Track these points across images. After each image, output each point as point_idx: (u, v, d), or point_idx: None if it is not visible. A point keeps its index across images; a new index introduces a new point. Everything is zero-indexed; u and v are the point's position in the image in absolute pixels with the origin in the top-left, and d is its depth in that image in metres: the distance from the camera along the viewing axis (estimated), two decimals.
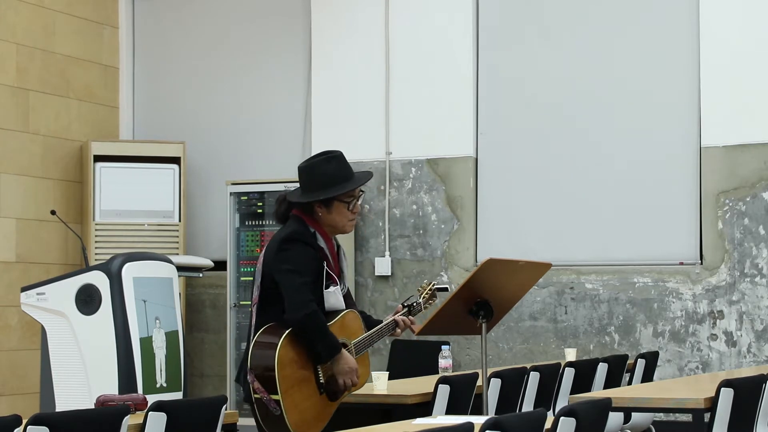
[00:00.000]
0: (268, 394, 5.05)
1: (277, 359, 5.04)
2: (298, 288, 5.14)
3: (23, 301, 7.09)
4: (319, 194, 5.27)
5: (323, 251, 5.30)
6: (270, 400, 5.05)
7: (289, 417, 5.05)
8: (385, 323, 5.49)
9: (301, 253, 5.20)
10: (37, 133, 9.95)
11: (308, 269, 5.20)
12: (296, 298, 5.12)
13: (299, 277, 5.15)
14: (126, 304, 6.88)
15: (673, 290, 9.06)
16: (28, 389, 9.55)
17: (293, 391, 5.08)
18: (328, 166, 5.32)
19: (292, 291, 5.14)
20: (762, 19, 8.96)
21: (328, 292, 5.28)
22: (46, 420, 3.92)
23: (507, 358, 9.39)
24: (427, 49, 9.82)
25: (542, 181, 9.52)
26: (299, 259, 5.19)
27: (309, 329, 5.11)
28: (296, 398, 5.09)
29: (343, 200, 5.31)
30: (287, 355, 5.08)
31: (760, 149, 8.91)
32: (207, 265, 8.84)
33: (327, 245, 5.33)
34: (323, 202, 5.29)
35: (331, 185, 5.29)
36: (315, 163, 5.34)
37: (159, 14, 10.92)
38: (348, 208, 5.33)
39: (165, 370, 7.06)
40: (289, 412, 5.05)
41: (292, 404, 5.06)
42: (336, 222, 5.34)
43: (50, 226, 9.80)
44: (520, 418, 3.92)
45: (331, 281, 5.31)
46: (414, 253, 9.77)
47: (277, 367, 5.04)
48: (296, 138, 10.26)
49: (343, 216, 5.34)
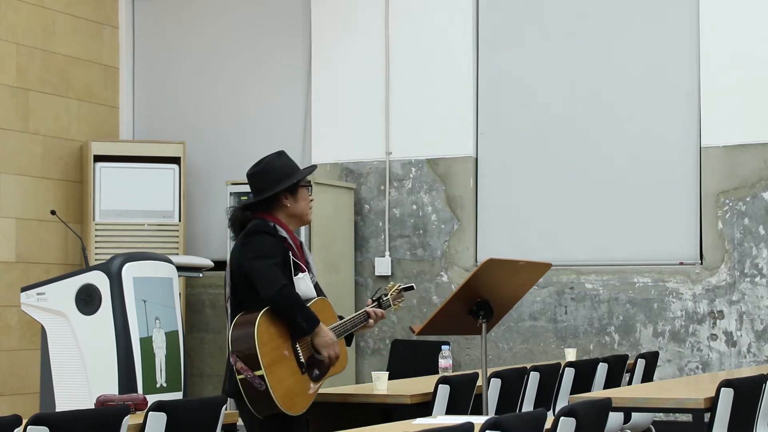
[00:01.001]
0: (252, 371, 5.15)
1: (256, 335, 5.16)
2: (269, 268, 5.31)
3: (23, 301, 7.09)
4: (284, 183, 5.47)
5: (286, 241, 5.46)
6: (254, 377, 5.15)
7: (275, 391, 5.15)
8: (357, 313, 5.63)
9: (265, 241, 5.39)
10: (37, 133, 9.95)
11: (275, 253, 5.36)
12: (268, 278, 5.28)
13: (267, 260, 5.33)
14: (126, 304, 6.87)
15: (673, 290, 9.06)
16: (28, 389, 9.55)
17: (276, 366, 5.19)
18: (281, 160, 5.57)
19: (263, 272, 5.31)
20: (762, 19, 8.96)
21: (298, 279, 5.42)
22: (46, 420, 3.92)
23: (507, 358, 9.39)
24: (427, 49, 9.82)
25: (542, 181, 9.52)
26: (264, 246, 5.37)
27: (285, 303, 5.26)
28: (280, 374, 5.19)
29: (305, 185, 5.56)
30: (266, 332, 5.21)
31: (760, 149, 8.91)
32: (207, 265, 8.84)
33: (289, 236, 5.49)
34: (289, 191, 5.50)
35: (291, 174, 5.50)
36: (268, 162, 5.57)
37: (159, 14, 10.92)
38: (308, 192, 5.57)
39: (165, 370, 7.06)
40: (275, 386, 5.15)
41: (276, 379, 5.17)
42: (302, 209, 5.55)
43: (50, 226, 9.80)
44: (520, 418, 3.92)
45: (298, 269, 5.44)
46: (414, 253, 9.77)
47: (258, 344, 5.16)
48: (296, 138, 10.26)
49: (306, 202, 5.56)
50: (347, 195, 9.86)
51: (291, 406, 5.21)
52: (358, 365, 9.81)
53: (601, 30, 9.47)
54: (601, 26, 9.48)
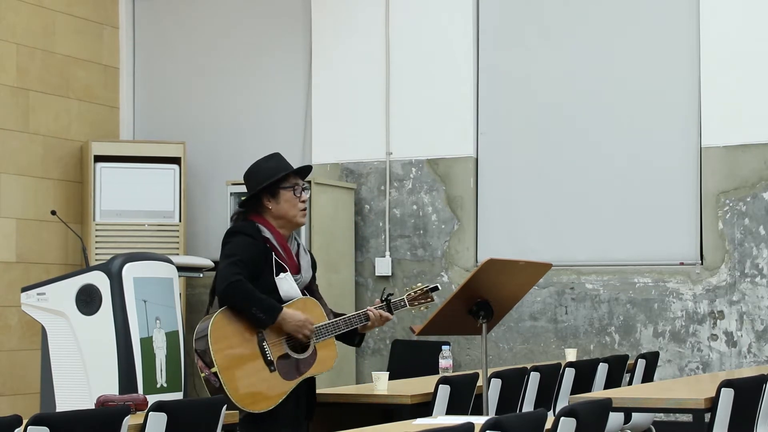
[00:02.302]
0: (209, 369, 5.26)
1: (210, 332, 5.25)
2: (225, 267, 5.35)
3: (23, 301, 7.09)
4: (262, 185, 5.49)
5: (270, 241, 5.47)
6: (210, 374, 5.25)
7: (229, 388, 5.23)
8: (355, 313, 5.59)
9: (239, 242, 5.42)
10: (37, 133, 9.95)
11: (242, 252, 5.38)
12: (221, 274, 5.34)
13: (228, 260, 5.37)
14: (126, 305, 6.87)
15: (673, 290, 9.06)
16: (28, 389, 9.55)
17: (233, 364, 5.26)
18: (268, 163, 5.59)
19: (219, 270, 5.37)
20: (762, 19, 8.95)
21: (280, 279, 5.44)
22: (46, 420, 3.92)
23: (507, 359, 9.39)
24: (427, 49, 9.82)
25: (542, 181, 9.52)
26: (235, 248, 5.41)
27: (236, 297, 5.30)
28: (238, 372, 5.26)
29: (285, 187, 5.53)
30: (222, 330, 5.28)
31: (760, 149, 8.91)
32: (207, 266, 8.84)
33: (274, 236, 5.49)
34: (269, 193, 5.51)
35: (273, 175, 5.52)
36: (255, 164, 5.62)
37: (159, 14, 10.92)
38: (294, 194, 5.53)
39: (165, 370, 7.06)
40: (229, 384, 5.23)
41: (230, 377, 5.24)
42: (286, 211, 5.53)
43: (50, 226, 9.80)
44: (521, 418, 3.92)
45: (281, 270, 5.45)
46: (414, 254, 9.77)
47: (210, 341, 5.24)
48: (296, 138, 10.26)
49: (292, 204, 5.53)
50: (347, 195, 9.86)
51: (250, 403, 5.27)
52: (359, 365, 9.81)
53: (601, 30, 9.48)
54: (601, 26, 9.48)
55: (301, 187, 5.57)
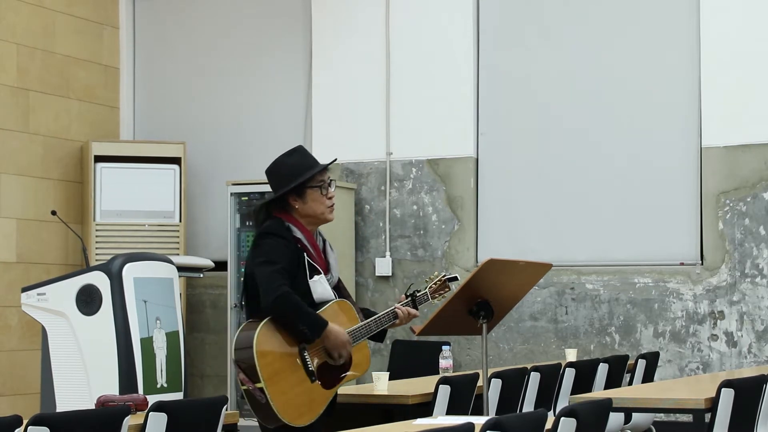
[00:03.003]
0: (253, 383, 5.08)
1: (255, 346, 5.08)
2: (269, 275, 5.19)
3: (24, 302, 7.09)
4: (289, 185, 5.36)
5: (301, 242, 5.34)
6: (255, 389, 5.08)
7: (276, 404, 5.07)
8: (384, 312, 5.50)
9: (274, 245, 5.27)
10: (38, 133, 9.95)
11: (281, 258, 5.24)
12: (267, 286, 5.18)
13: (270, 266, 5.20)
14: (126, 305, 6.87)
15: (673, 290, 9.06)
16: (28, 389, 9.55)
17: (278, 378, 5.10)
18: (290, 159, 5.44)
19: (263, 280, 5.20)
20: (762, 19, 8.95)
21: (314, 282, 5.31)
22: (46, 420, 3.92)
23: (507, 359, 9.39)
24: (427, 49, 9.82)
25: (542, 181, 9.52)
26: (271, 250, 5.25)
27: (283, 311, 5.15)
28: (283, 386, 5.11)
29: (313, 186, 5.39)
30: (267, 343, 5.12)
31: (760, 149, 8.91)
32: (207, 266, 8.84)
33: (305, 236, 5.37)
34: (296, 193, 5.38)
35: (298, 175, 5.38)
36: (277, 161, 5.47)
37: (159, 14, 10.92)
38: (321, 192, 5.40)
39: (165, 370, 7.06)
40: (275, 399, 5.07)
41: (277, 391, 5.09)
42: (314, 210, 5.40)
43: (51, 226, 9.80)
44: (521, 418, 3.92)
45: (314, 271, 5.34)
46: (414, 254, 9.77)
47: (257, 355, 5.07)
48: (296, 138, 10.25)
49: (320, 202, 5.40)
50: (348, 195, 9.86)
51: (296, 417, 5.12)
52: None
53: (601, 30, 9.47)
54: (601, 26, 9.48)
55: (327, 183, 5.43)
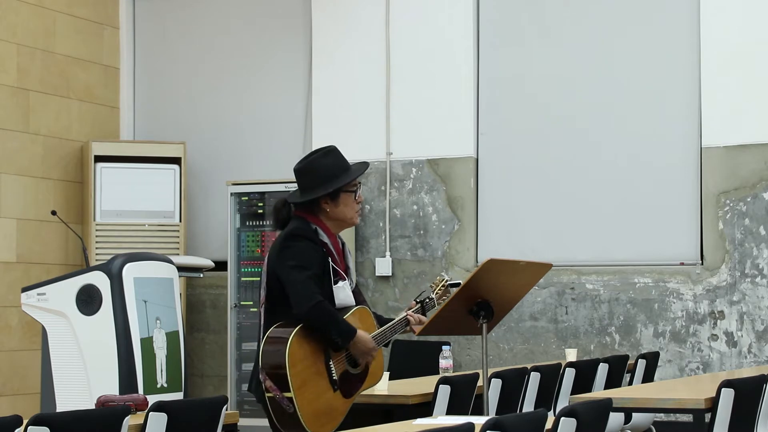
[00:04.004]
0: (281, 392, 4.99)
1: (288, 356, 4.98)
2: (303, 282, 5.09)
3: (24, 302, 7.09)
4: (325, 188, 5.25)
5: (327, 247, 5.26)
6: (283, 398, 4.99)
7: (303, 414, 4.99)
8: (397, 320, 5.44)
9: (305, 249, 5.17)
10: (38, 133, 9.95)
11: (312, 263, 5.15)
12: (301, 293, 5.08)
13: (303, 272, 5.11)
14: (127, 305, 6.88)
15: (673, 290, 9.06)
16: (28, 389, 9.55)
17: (306, 387, 5.02)
18: (327, 161, 5.32)
19: (296, 286, 5.10)
20: (762, 19, 8.95)
21: (338, 288, 5.24)
22: (46, 420, 3.92)
23: (507, 359, 9.39)
24: (427, 49, 9.82)
25: (542, 181, 9.52)
26: (303, 255, 5.15)
27: (318, 320, 5.06)
28: (309, 395, 5.03)
29: (348, 190, 5.31)
30: (298, 352, 5.03)
31: (760, 149, 8.91)
32: (207, 266, 8.85)
33: (330, 241, 5.29)
34: (330, 196, 5.27)
35: (334, 178, 5.28)
36: (313, 160, 5.33)
37: (159, 14, 10.92)
38: (354, 198, 5.33)
39: (165, 370, 7.06)
40: (303, 408, 4.99)
41: (305, 401, 5.01)
42: (345, 214, 5.32)
43: (51, 226, 9.80)
44: (521, 418, 3.92)
45: (338, 277, 5.27)
46: (415, 254, 9.77)
47: (288, 365, 4.98)
48: (296, 138, 10.26)
49: (351, 207, 5.32)
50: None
51: (318, 427, 5.06)
52: None
53: (601, 30, 9.47)
54: (601, 26, 9.48)
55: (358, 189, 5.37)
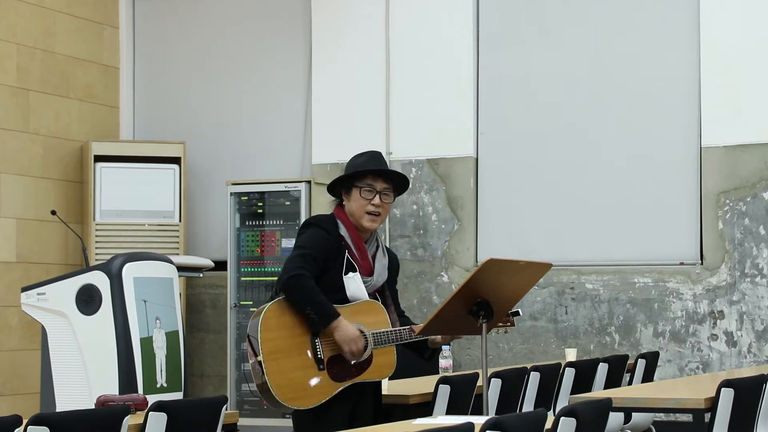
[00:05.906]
0: (255, 357, 5.09)
1: (261, 321, 5.10)
2: (292, 258, 5.23)
3: (23, 301, 7.09)
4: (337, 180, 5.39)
5: (344, 239, 5.33)
6: (255, 362, 5.08)
7: (272, 380, 5.05)
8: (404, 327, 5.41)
9: (312, 235, 5.29)
10: (38, 133, 9.96)
11: (313, 247, 5.25)
12: (287, 266, 5.22)
13: (298, 250, 5.25)
14: (126, 304, 6.88)
15: (673, 290, 9.06)
16: (28, 389, 9.55)
17: (279, 356, 5.09)
18: (359, 159, 5.45)
19: (286, 262, 5.25)
20: (762, 20, 8.95)
21: (348, 278, 5.29)
22: (46, 420, 3.92)
23: (507, 358, 9.39)
24: (427, 49, 9.82)
25: (542, 181, 9.52)
26: (308, 240, 5.28)
27: (293, 291, 5.15)
28: (282, 364, 5.09)
29: (357, 185, 5.36)
30: (273, 319, 5.13)
31: (760, 149, 8.91)
32: (207, 266, 8.85)
33: (350, 234, 5.35)
34: (345, 189, 5.39)
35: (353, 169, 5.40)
36: (351, 158, 5.48)
37: (159, 14, 10.92)
38: (361, 194, 5.35)
39: (165, 370, 7.06)
40: (272, 375, 5.06)
41: (275, 369, 5.07)
42: (354, 210, 5.38)
43: (50, 226, 9.80)
44: (521, 418, 3.92)
45: (350, 268, 5.31)
46: (414, 253, 9.77)
47: (261, 329, 5.09)
48: (296, 138, 10.26)
49: (358, 204, 5.35)
50: None
51: (291, 398, 5.09)
52: None
53: (601, 30, 9.47)
54: (601, 26, 9.48)
55: (374, 191, 5.36)
